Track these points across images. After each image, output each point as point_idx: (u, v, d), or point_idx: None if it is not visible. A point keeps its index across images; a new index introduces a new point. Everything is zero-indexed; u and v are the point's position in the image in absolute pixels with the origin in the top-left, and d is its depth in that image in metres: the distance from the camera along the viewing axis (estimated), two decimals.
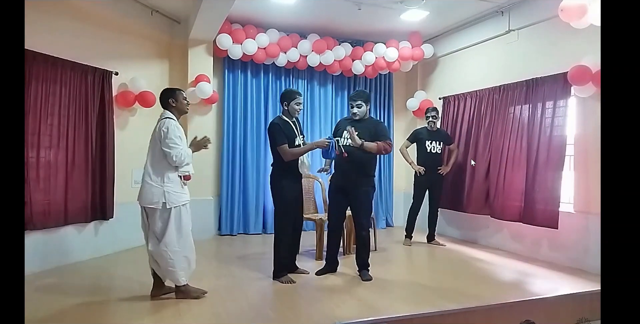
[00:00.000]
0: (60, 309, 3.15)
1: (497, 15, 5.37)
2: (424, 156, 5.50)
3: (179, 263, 3.29)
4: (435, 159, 5.49)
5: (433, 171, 5.46)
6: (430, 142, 5.48)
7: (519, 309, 2.54)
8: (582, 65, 4.13)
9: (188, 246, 3.38)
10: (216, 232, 6.00)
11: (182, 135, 3.32)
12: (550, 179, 4.53)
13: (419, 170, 5.44)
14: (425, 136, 5.50)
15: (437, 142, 5.50)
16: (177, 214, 3.29)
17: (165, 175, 3.26)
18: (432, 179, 5.47)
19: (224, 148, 6.04)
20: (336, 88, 6.67)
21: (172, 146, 3.22)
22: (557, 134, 4.53)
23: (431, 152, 5.47)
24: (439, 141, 5.51)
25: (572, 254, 4.44)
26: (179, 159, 3.22)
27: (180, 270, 3.31)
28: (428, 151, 5.47)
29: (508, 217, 4.97)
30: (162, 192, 3.22)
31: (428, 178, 5.46)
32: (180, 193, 3.31)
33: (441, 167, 5.52)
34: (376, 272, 4.08)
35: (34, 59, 3.90)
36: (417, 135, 5.57)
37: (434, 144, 5.48)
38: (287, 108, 3.95)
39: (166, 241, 3.25)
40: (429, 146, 5.47)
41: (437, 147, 5.49)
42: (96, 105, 4.60)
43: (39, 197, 4.01)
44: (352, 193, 3.98)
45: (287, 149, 3.82)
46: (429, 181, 5.48)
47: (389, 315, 3.05)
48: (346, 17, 5.69)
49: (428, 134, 5.51)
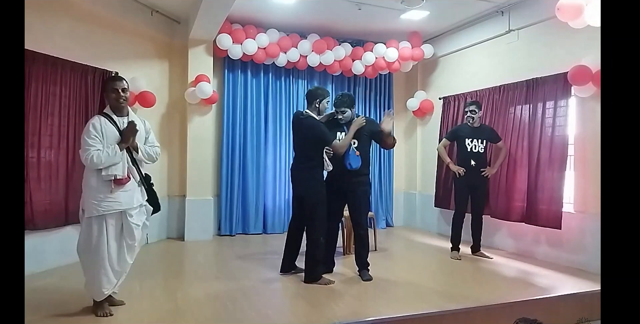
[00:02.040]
0: (61, 310, 3.14)
1: (497, 15, 5.37)
2: (464, 156, 4.89)
3: (94, 278, 2.96)
4: (477, 159, 4.84)
5: (475, 172, 4.82)
6: (471, 140, 4.84)
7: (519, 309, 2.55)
8: (582, 65, 4.13)
9: (100, 263, 2.94)
10: (216, 232, 6.00)
11: (99, 134, 2.88)
12: (552, 180, 4.53)
13: (458, 171, 4.85)
14: (466, 133, 4.87)
15: (479, 141, 4.84)
16: (95, 224, 2.91)
17: (86, 180, 2.92)
18: (474, 182, 4.84)
19: (224, 148, 6.04)
20: (336, 88, 6.66)
21: (83, 148, 2.85)
22: (558, 134, 4.52)
23: (472, 151, 4.82)
24: (482, 139, 4.85)
25: (572, 254, 4.44)
26: (91, 162, 2.82)
27: (96, 284, 2.97)
28: (469, 150, 4.83)
29: (510, 218, 4.96)
30: (84, 198, 2.93)
31: (469, 181, 4.83)
32: (101, 201, 2.87)
33: (485, 169, 4.88)
34: (376, 272, 4.08)
35: (34, 59, 3.90)
36: (457, 132, 4.98)
37: (476, 142, 4.83)
38: (318, 106, 3.93)
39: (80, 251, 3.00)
40: (469, 144, 4.84)
41: (480, 146, 4.83)
42: (96, 105, 4.59)
43: (40, 197, 4.01)
44: (350, 193, 4.00)
45: (338, 144, 3.81)
46: (470, 184, 4.85)
47: (389, 315, 3.06)
48: (346, 17, 5.69)
49: (470, 131, 4.86)
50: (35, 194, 3.95)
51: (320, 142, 3.83)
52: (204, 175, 5.76)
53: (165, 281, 4.00)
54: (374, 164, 6.84)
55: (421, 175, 6.85)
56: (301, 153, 3.95)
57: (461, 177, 4.86)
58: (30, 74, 3.88)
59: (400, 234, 6.23)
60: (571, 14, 3.68)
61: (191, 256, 5.05)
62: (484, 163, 4.93)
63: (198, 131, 5.73)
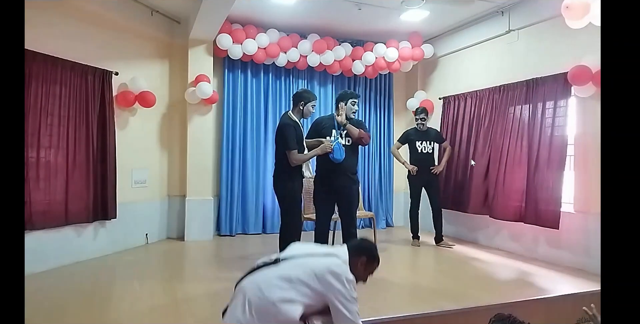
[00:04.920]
0: (61, 310, 3.14)
1: (497, 15, 5.37)
2: (415, 157, 5.55)
3: None
4: (426, 158, 5.52)
5: (426, 170, 5.48)
6: (420, 142, 5.53)
7: (519, 309, 2.55)
8: (582, 65, 4.13)
9: None
10: (215, 232, 6.00)
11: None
12: (551, 179, 4.53)
13: (412, 169, 5.49)
14: (415, 137, 5.55)
15: (427, 142, 5.54)
16: None
17: None
18: (425, 178, 5.49)
19: (224, 148, 6.04)
20: (336, 88, 6.66)
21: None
22: (557, 134, 4.52)
23: (422, 152, 5.51)
24: (430, 141, 5.55)
25: (572, 254, 4.44)
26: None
27: None
28: (419, 151, 5.52)
29: (509, 218, 4.96)
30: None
31: (421, 178, 5.50)
32: None
33: (434, 167, 5.53)
34: (376, 272, 4.07)
35: (34, 59, 3.90)
36: (408, 136, 5.62)
37: (425, 144, 5.53)
38: (302, 108, 3.92)
39: None
40: (419, 146, 5.52)
41: (428, 147, 5.53)
42: (96, 105, 4.60)
43: (40, 197, 4.00)
44: (342, 192, 4.07)
45: (296, 155, 3.79)
46: (422, 181, 5.52)
47: (389, 315, 3.06)
48: (346, 17, 5.69)
49: (417, 134, 5.56)
50: (34, 194, 3.94)
51: (282, 145, 3.82)
52: (203, 175, 5.76)
53: (165, 281, 4.00)
54: (374, 164, 6.85)
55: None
56: (275, 153, 4.00)
57: (414, 175, 5.50)
58: (30, 74, 3.88)
59: (400, 234, 6.23)
60: (579, 12, 3.60)
61: (191, 256, 5.06)
62: (433, 162, 5.59)
63: (198, 131, 5.73)
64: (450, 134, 5.99)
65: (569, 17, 3.72)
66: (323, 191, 4.10)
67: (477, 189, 5.43)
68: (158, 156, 5.64)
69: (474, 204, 5.46)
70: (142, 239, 5.35)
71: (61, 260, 4.25)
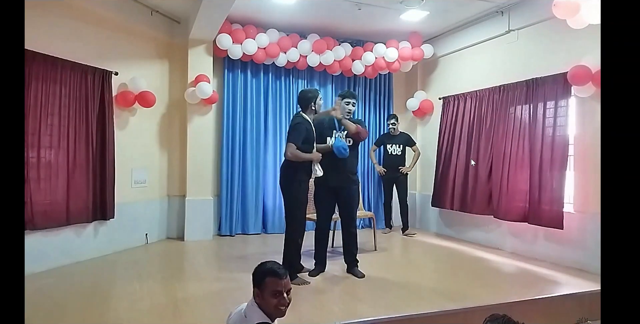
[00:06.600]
0: (61, 310, 3.15)
1: (497, 15, 5.37)
2: (385, 158, 6.31)
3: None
4: (395, 160, 6.21)
5: (394, 170, 6.19)
6: (391, 145, 6.24)
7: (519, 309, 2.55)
8: (582, 66, 4.13)
9: None
10: (215, 232, 6.00)
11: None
12: (553, 180, 4.52)
13: (381, 170, 6.30)
14: (387, 140, 6.30)
15: (397, 145, 6.23)
16: None
17: None
18: (394, 177, 6.23)
19: (224, 148, 6.04)
20: (336, 88, 6.66)
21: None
22: (559, 134, 4.52)
23: (392, 154, 6.22)
24: (399, 144, 6.23)
25: (572, 254, 4.44)
26: None
27: None
28: (389, 153, 6.24)
29: (513, 218, 4.94)
30: None
31: (390, 177, 6.25)
32: None
33: (402, 167, 6.20)
34: (376, 272, 4.08)
35: (34, 59, 3.90)
36: (382, 139, 6.39)
37: (395, 146, 6.22)
38: (314, 108, 3.99)
39: None
40: (390, 148, 6.24)
41: (398, 149, 6.22)
42: (96, 105, 4.60)
43: (40, 197, 4.00)
44: (343, 192, 4.10)
45: (294, 149, 3.79)
46: (392, 179, 6.26)
47: (389, 315, 3.06)
48: (346, 17, 5.69)
49: (389, 138, 6.30)
50: (34, 194, 3.94)
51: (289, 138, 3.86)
52: (203, 175, 5.76)
53: (165, 281, 3.99)
54: (373, 164, 6.85)
55: (420, 175, 6.85)
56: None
57: (385, 175, 6.29)
58: (30, 74, 3.88)
59: (400, 234, 6.25)
60: (567, 10, 3.63)
61: (191, 256, 5.05)
62: (402, 163, 6.27)
63: (198, 131, 5.73)
64: (450, 134, 5.98)
65: (559, 15, 3.73)
66: (323, 191, 4.12)
67: (480, 190, 5.41)
68: (158, 156, 5.64)
69: (479, 205, 5.44)
70: (142, 239, 5.35)
71: (61, 260, 4.25)
